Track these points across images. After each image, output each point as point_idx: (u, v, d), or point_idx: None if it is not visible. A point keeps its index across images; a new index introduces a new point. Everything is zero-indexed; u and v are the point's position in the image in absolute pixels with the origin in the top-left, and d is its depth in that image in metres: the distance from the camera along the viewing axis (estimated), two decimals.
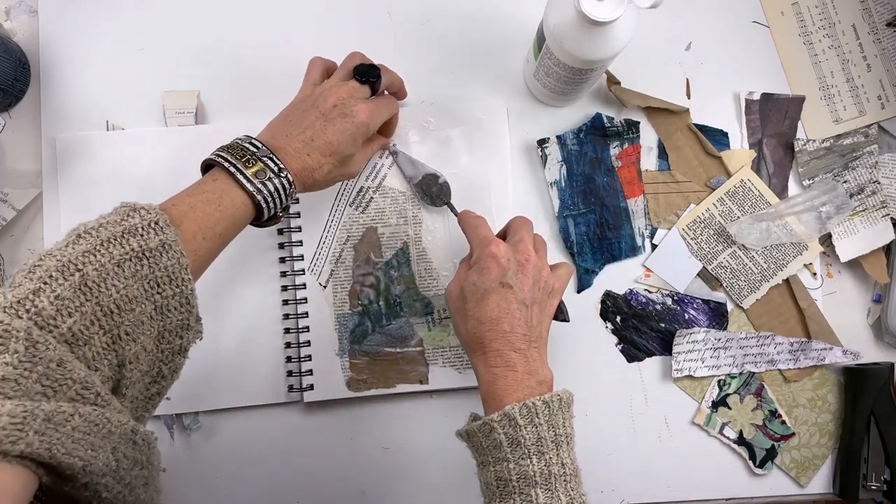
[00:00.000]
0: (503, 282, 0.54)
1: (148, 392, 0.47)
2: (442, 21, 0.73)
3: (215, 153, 0.53)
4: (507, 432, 0.49)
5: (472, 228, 0.59)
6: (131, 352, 0.43)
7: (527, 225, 0.60)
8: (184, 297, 0.46)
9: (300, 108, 0.58)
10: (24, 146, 0.69)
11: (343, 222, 0.69)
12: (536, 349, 0.54)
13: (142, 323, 0.44)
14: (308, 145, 0.56)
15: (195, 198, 0.50)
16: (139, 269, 0.44)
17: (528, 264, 0.55)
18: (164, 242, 0.45)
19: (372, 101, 0.60)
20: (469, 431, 0.52)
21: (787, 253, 0.71)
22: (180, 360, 0.49)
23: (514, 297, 0.54)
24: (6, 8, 0.71)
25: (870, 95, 0.73)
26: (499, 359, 0.52)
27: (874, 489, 0.68)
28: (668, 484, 0.70)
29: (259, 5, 0.72)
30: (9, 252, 0.68)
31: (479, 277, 0.54)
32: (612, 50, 0.58)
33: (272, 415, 0.68)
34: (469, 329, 0.54)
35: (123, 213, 0.45)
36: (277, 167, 0.53)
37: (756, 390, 0.70)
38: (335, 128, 0.56)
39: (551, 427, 0.50)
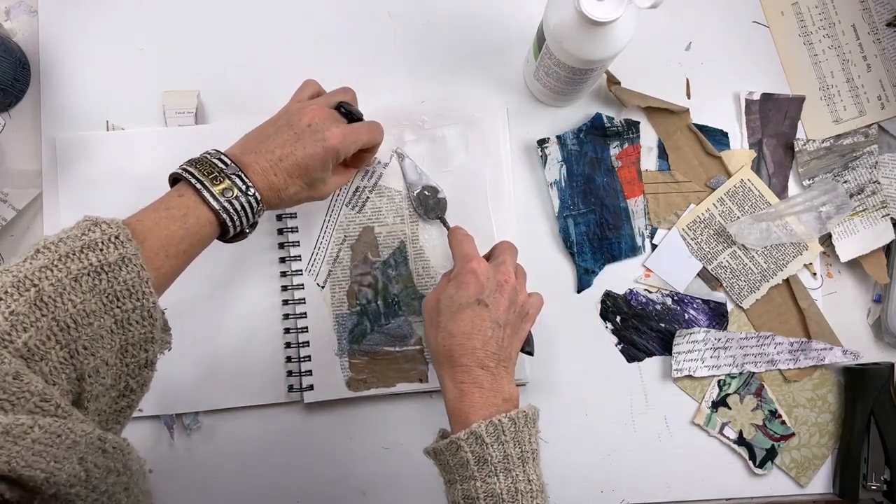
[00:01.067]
0: (479, 299, 0.54)
1: (117, 406, 0.47)
2: (442, 21, 0.73)
3: (183, 167, 0.53)
4: (474, 450, 0.49)
5: (458, 244, 0.59)
6: (90, 366, 0.43)
7: (511, 250, 0.60)
8: (145, 310, 0.45)
9: (276, 124, 0.57)
10: (24, 146, 0.69)
11: (340, 222, 0.69)
12: (505, 368, 0.54)
13: (101, 337, 0.44)
14: (276, 165, 0.55)
15: (160, 213, 0.50)
16: (97, 284, 0.43)
17: (506, 286, 0.56)
18: (124, 256, 0.44)
19: (347, 126, 0.58)
20: (436, 450, 0.52)
21: (787, 253, 0.71)
22: (148, 373, 0.48)
23: (488, 316, 0.54)
24: (6, 8, 0.71)
25: (870, 95, 0.73)
26: (466, 375, 0.53)
27: (874, 489, 0.68)
28: (668, 484, 0.70)
29: (259, 5, 0.72)
30: (9, 252, 0.68)
31: (456, 291, 0.55)
32: (612, 50, 0.58)
33: (272, 415, 0.68)
34: (440, 341, 0.54)
35: (85, 227, 0.45)
36: (245, 185, 0.53)
37: (756, 390, 0.70)
38: (305, 150, 0.55)
39: (517, 444, 0.50)
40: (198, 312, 0.68)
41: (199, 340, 0.67)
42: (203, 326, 0.67)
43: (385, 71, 0.72)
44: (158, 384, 0.66)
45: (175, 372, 0.67)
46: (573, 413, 0.70)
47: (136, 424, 0.67)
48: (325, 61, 0.72)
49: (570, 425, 0.70)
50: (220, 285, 0.68)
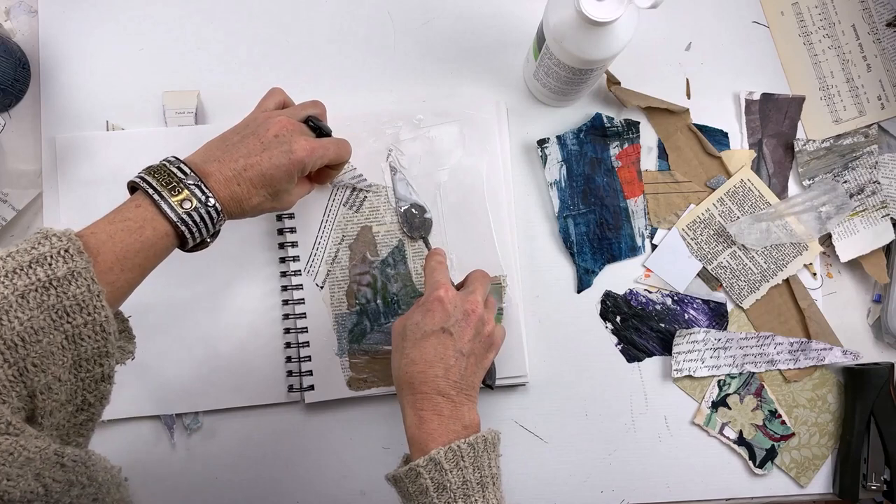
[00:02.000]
0: (444, 327, 0.54)
1: (75, 420, 0.46)
2: (442, 21, 0.73)
3: (140, 175, 0.51)
4: (433, 477, 0.49)
5: (430, 271, 0.59)
6: (41, 382, 0.42)
7: (483, 280, 0.60)
8: (97, 324, 0.44)
9: (241, 133, 0.56)
10: (24, 146, 0.69)
11: (338, 222, 0.69)
12: (467, 396, 0.54)
13: (51, 354, 0.42)
14: (239, 174, 0.53)
15: (115, 226, 0.48)
16: (45, 300, 0.42)
17: (472, 315, 0.56)
18: (73, 270, 0.43)
19: (315, 141, 0.58)
20: (396, 476, 0.52)
21: (787, 253, 0.71)
22: (105, 386, 0.46)
23: (452, 345, 0.54)
24: (6, 8, 0.71)
25: (870, 95, 0.73)
26: (427, 402, 0.53)
27: (874, 489, 0.68)
28: (668, 484, 0.70)
29: (259, 5, 0.72)
30: None
31: (422, 318, 0.55)
32: (612, 50, 0.58)
33: (272, 415, 0.68)
34: (402, 367, 0.54)
35: (34, 240, 0.44)
36: (205, 196, 0.51)
37: (756, 390, 0.70)
38: (271, 161, 0.54)
39: (477, 469, 0.50)
40: (198, 312, 0.68)
41: (199, 340, 0.67)
42: (203, 326, 0.67)
43: (385, 70, 0.72)
44: (158, 384, 0.67)
45: (175, 372, 0.67)
46: (573, 413, 0.70)
47: (136, 424, 0.68)
48: (325, 61, 0.72)
49: (570, 425, 0.70)
50: (219, 285, 0.68)
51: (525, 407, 0.70)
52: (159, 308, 0.67)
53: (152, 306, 0.67)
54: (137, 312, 0.67)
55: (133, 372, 0.67)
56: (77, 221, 0.66)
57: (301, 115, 0.60)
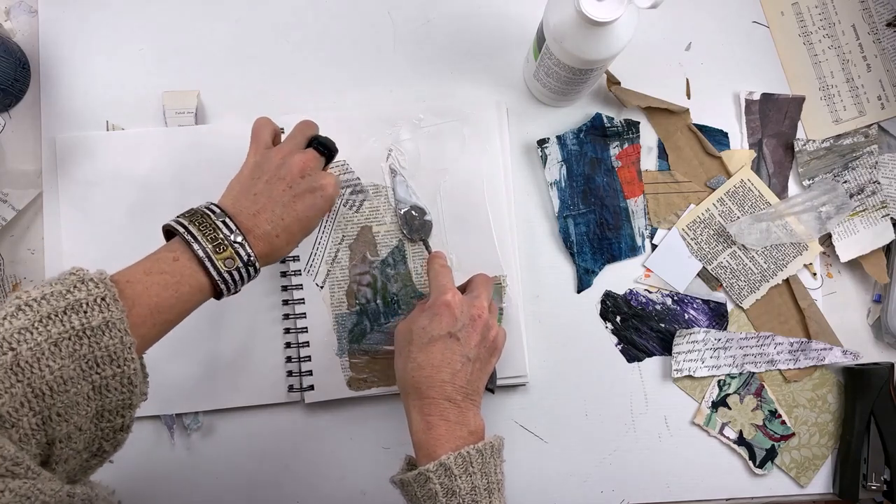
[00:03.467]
0: (452, 332, 0.54)
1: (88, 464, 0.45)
2: (442, 21, 0.73)
3: (183, 225, 0.49)
4: (443, 482, 0.49)
5: (435, 274, 0.59)
6: (63, 432, 0.41)
7: (487, 283, 0.61)
8: (125, 377, 0.43)
9: (262, 179, 0.54)
10: (24, 146, 0.69)
11: (338, 222, 0.69)
12: (472, 402, 0.54)
13: (77, 403, 0.41)
14: (277, 225, 0.52)
15: (152, 278, 0.47)
16: (78, 349, 0.41)
17: (479, 320, 0.56)
18: (109, 321, 0.42)
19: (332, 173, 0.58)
20: (404, 481, 0.52)
21: (787, 253, 0.71)
22: (123, 436, 0.46)
23: (459, 350, 0.54)
24: (6, 8, 0.71)
25: (870, 95, 0.73)
26: (433, 407, 0.53)
27: (874, 489, 0.68)
28: (668, 484, 0.70)
29: (259, 5, 0.72)
30: (9, 252, 0.68)
31: (429, 322, 0.55)
32: (612, 50, 0.58)
33: (272, 415, 0.68)
34: (408, 371, 0.54)
35: (70, 283, 0.42)
36: (248, 254, 0.50)
37: (756, 390, 0.70)
38: (304, 203, 0.53)
39: (484, 475, 0.50)
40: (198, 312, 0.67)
41: (199, 340, 0.67)
42: (203, 326, 0.67)
43: (385, 70, 0.72)
44: (158, 384, 0.67)
45: (175, 372, 0.67)
46: (573, 413, 0.70)
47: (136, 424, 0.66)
48: (325, 61, 0.72)
49: (570, 425, 0.70)
50: None
51: (525, 407, 0.70)
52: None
53: None
54: None
55: None
56: (77, 221, 0.67)
57: (303, 143, 0.58)
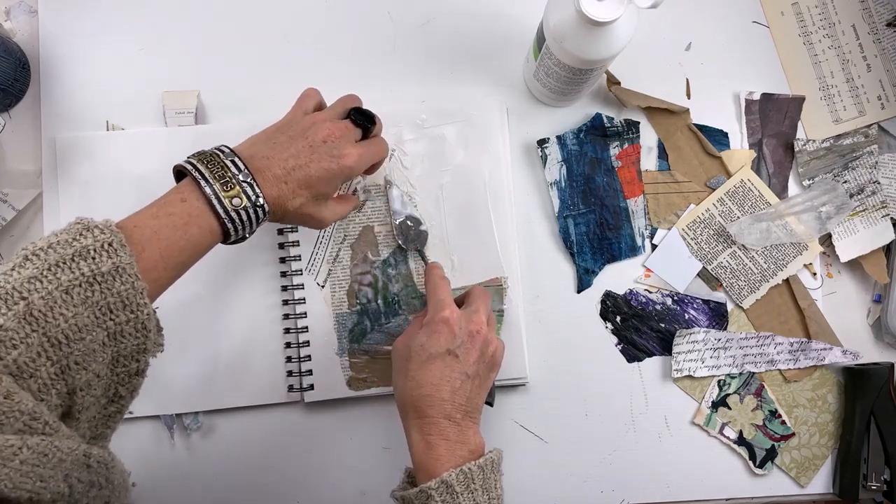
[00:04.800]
0: (450, 349, 0.54)
1: (106, 411, 0.45)
2: (442, 21, 0.73)
3: (192, 162, 0.49)
4: (445, 500, 0.49)
5: (433, 288, 0.59)
6: (82, 380, 0.41)
7: (485, 297, 0.60)
8: (139, 322, 0.43)
9: (287, 133, 0.54)
10: (24, 146, 0.69)
11: (339, 222, 0.69)
12: (471, 419, 0.54)
13: (93, 351, 0.42)
14: (288, 174, 0.52)
15: (160, 221, 0.46)
16: (90, 296, 0.41)
17: (477, 336, 0.55)
18: (118, 266, 0.42)
19: (362, 146, 0.57)
20: (405, 498, 0.51)
21: (787, 253, 0.71)
22: (138, 380, 0.46)
23: (458, 367, 0.54)
24: (6, 8, 0.71)
25: (870, 95, 0.73)
26: (433, 427, 0.52)
27: (874, 489, 0.68)
28: (668, 484, 0.70)
29: (259, 5, 0.72)
30: (9, 252, 0.68)
31: (427, 339, 0.54)
32: (612, 50, 0.58)
33: (272, 415, 0.68)
34: (408, 390, 0.54)
35: (76, 231, 0.42)
36: (255, 194, 0.50)
37: (756, 390, 0.70)
38: (320, 164, 0.53)
39: (486, 490, 0.50)
40: (198, 312, 0.68)
41: (199, 340, 0.67)
42: (203, 326, 0.67)
43: (385, 70, 0.72)
44: (158, 384, 0.67)
45: (175, 372, 0.67)
46: (573, 413, 0.70)
47: (136, 424, 0.68)
48: (325, 61, 0.72)
49: (570, 425, 0.70)
50: (220, 285, 0.68)
51: (525, 407, 0.70)
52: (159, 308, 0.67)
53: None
54: None
55: None
56: None
57: (343, 113, 0.58)
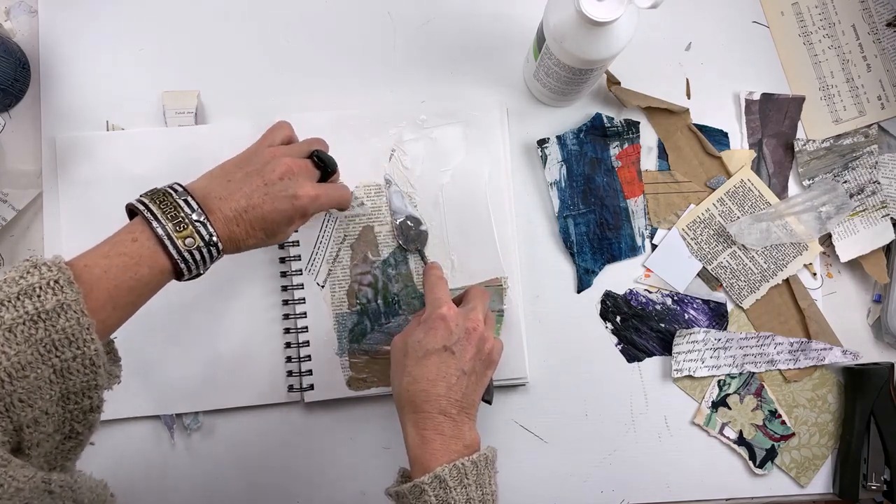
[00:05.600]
0: (447, 346, 0.54)
1: (63, 447, 0.45)
2: (442, 21, 0.73)
3: (143, 201, 0.48)
4: (438, 494, 0.49)
5: (431, 287, 0.59)
6: (28, 417, 0.41)
7: (483, 296, 0.61)
8: (86, 358, 0.42)
9: (244, 169, 0.53)
10: (24, 146, 0.69)
11: (339, 222, 0.69)
12: (467, 415, 0.54)
13: (39, 388, 0.41)
14: (240, 216, 0.51)
15: (111, 260, 0.46)
16: (33, 333, 0.40)
17: (474, 333, 0.56)
18: (63, 303, 0.41)
19: (320, 187, 0.55)
20: (399, 493, 0.52)
21: (787, 253, 0.71)
22: (94, 416, 0.45)
23: (454, 364, 0.54)
24: (6, 8, 0.71)
25: (870, 95, 0.73)
26: (429, 422, 0.53)
27: (874, 489, 0.68)
28: (668, 484, 0.70)
29: (259, 5, 0.72)
30: (9, 252, 0.68)
31: (424, 336, 0.55)
32: (612, 50, 0.58)
33: (272, 415, 0.68)
34: (404, 385, 0.54)
35: (23, 269, 0.42)
36: (209, 233, 0.49)
37: (756, 390, 0.70)
38: (272, 205, 0.52)
39: (479, 487, 0.50)
40: (198, 312, 0.68)
41: (199, 340, 0.67)
42: (203, 326, 0.67)
43: (385, 70, 0.72)
44: (158, 384, 0.67)
45: (175, 372, 0.67)
46: (573, 413, 0.70)
47: (137, 424, 0.67)
48: (326, 61, 0.72)
49: (570, 425, 0.70)
50: (220, 285, 0.68)
51: (525, 407, 0.70)
52: (159, 308, 0.67)
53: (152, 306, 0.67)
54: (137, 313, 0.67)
55: (133, 372, 0.67)
56: (77, 221, 0.67)
57: (306, 152, 0.57)
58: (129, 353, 0.67)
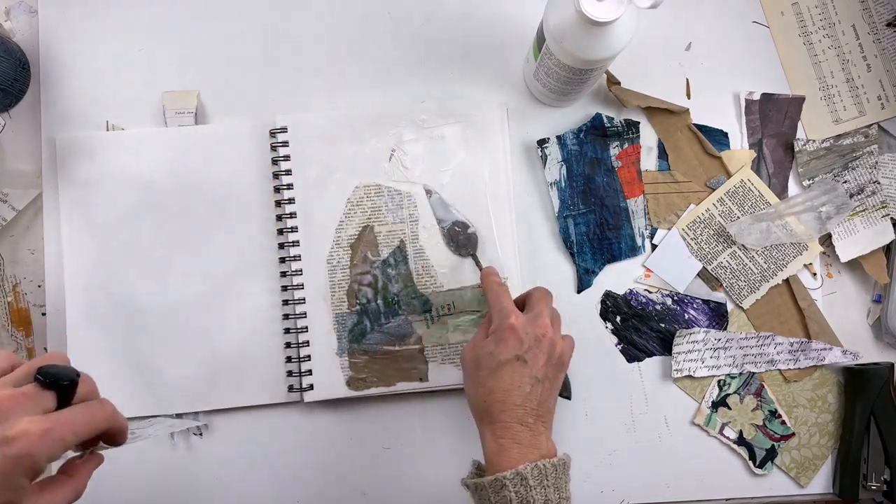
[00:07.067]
0: (518, 355, 0.55)
1: None
2: (442, 21, 0.73)
3: None
4: (519, 491, 0.50)
5: (495, 297, 0.59)
6: None
7: (546, 298, 0.60)
8: None
9: None
10: (24, 146, 0.69)
11: (339, 221, 0.68)
12: (543, 423, 0.55)
13: None
14: None
15: None
16: None
17: (544, 339, 0.56)
18: None
19: (50, 417, 0.39)
20: (478, 485, 0.52)
21: (787, 253, 0.71)
22: None
23: (527, 373, 0.54)
24: (6, 8, 0.71)
25: (870, 95, 0.73)
26: (506, 431, 0.53)
27: (874, 489, 0.68)
28: (668, 484, 0.70)
29: (259, 5, 0.72)
30: (9, 252, 0.68)
31: (495, 347, 0.55)
32: (612, 50, 0.58)
33: (272, 415, 0.68)
34: (479, 396, 0.55)
35: None
36: None
37: (756, 390, 0.70)
38: None
39: (557, 489, 0.51)
40: (198, 312, 0.68)
41: (199, 340, 0.67)
42: (203, 326, 0.67)
43: (385, 70, 0.72)
44: (158, 384, 0.67)
45: (175, 372, 0.67)
46: (573, 413, 0.70)
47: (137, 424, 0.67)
48: (326, 61, 0.72)
49: (571, 425, 0.70)
50: (219, 285, 0.68)
51: None
52: (159, 308, 0.67)
53: (152, 306, 0.67)
54: (138, 312, 0.67)
55: (133, 372, 0.67)
56: (76, 221, 0.67)
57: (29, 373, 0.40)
58: (129, 354, 0.67)
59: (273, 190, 0.69)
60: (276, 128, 0.69)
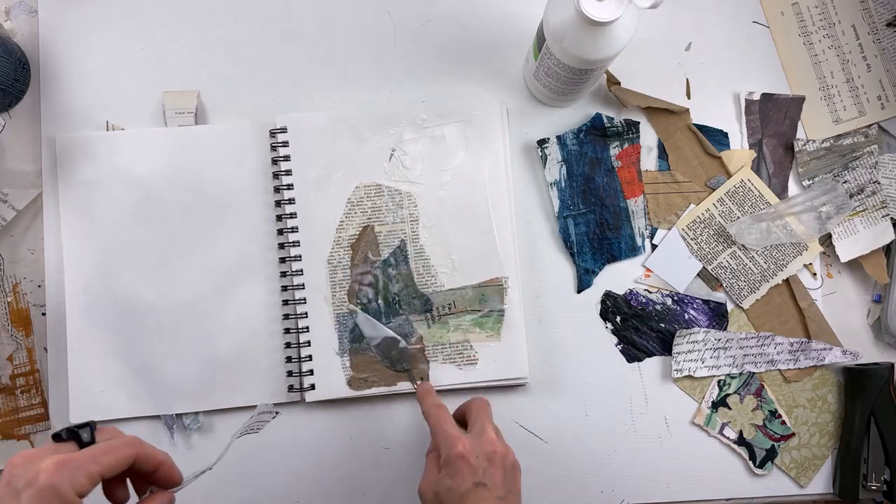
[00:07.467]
0: (476, 482, 0.53)
1: None
2: (442, 21, 0.73)
3: None
4: None
5: (436, 423, 0.58)
6: None
7: (486, 409, 0.59)
8: None
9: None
10: (24, 146, 0.69)
11: (340, 221, 0.68)
12: None
13: None
14: None
15: None
16: None
17: (496, 456, 0.55)
18: None
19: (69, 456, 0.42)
20: None
21: (787, 253, 0.71)
22: None
23: (490, 496, 0.53)
24: (6, 8, 0.71)
25: (870, 95, 0.73)
26: None
27: (874, 489, 0.68)
28: (668, 484, 0.70)
29: (259, 5, 0.72)
30: (9, 252, 0.68)
31: (452, 481, 0.54)
32: (612, 50, 0.58)
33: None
34: None
35: None
36: None
37: (756, 390, 0.70)
38: None
39: None
40: (198, 312, 0.68)
41: (199, 340, 0.67)
42: (203, 326, 0.68)
43: (385, 70, 0.72)
44: (158, 384, 0.67)
45: (175, 372, 0.67)
46: (573, 413, 0.70)
47: (137, 424, 0.67)
48: (326, 61, 0.72)
49: (570, 425, 0.70)
50: (220, 285, 0.68)
51: (525, 407, 0.70)
52: (159, 308, 0.67)
53: (152, 306, 0.67)
54: (138, 312, 0.67)
55: (133, 372, 0.67)
56: (76, 221, 0.67)
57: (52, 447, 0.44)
58: (129, 353, 0.67)
59: (273, 190, 0.69)
60: (276, 128, 0.69)
